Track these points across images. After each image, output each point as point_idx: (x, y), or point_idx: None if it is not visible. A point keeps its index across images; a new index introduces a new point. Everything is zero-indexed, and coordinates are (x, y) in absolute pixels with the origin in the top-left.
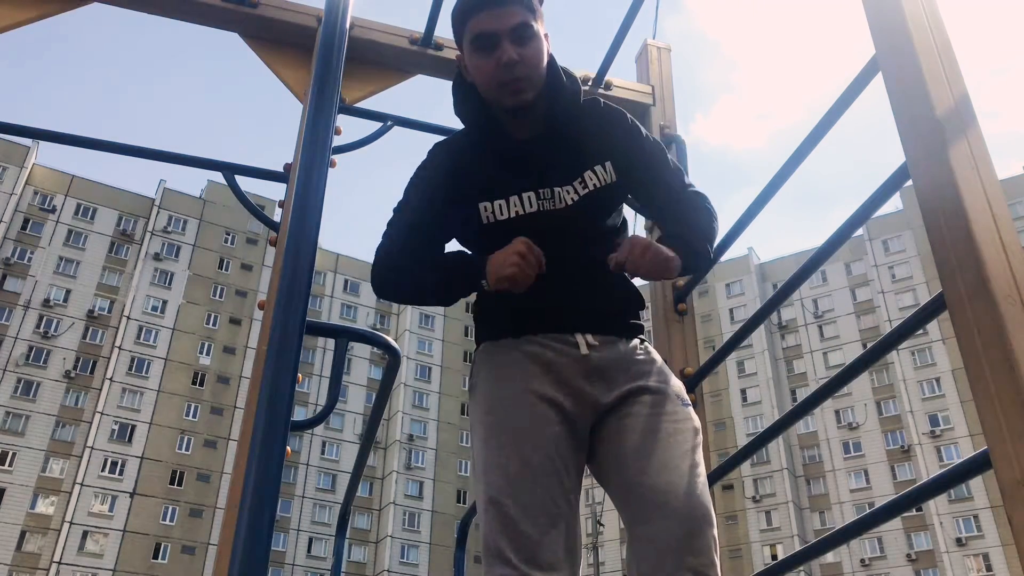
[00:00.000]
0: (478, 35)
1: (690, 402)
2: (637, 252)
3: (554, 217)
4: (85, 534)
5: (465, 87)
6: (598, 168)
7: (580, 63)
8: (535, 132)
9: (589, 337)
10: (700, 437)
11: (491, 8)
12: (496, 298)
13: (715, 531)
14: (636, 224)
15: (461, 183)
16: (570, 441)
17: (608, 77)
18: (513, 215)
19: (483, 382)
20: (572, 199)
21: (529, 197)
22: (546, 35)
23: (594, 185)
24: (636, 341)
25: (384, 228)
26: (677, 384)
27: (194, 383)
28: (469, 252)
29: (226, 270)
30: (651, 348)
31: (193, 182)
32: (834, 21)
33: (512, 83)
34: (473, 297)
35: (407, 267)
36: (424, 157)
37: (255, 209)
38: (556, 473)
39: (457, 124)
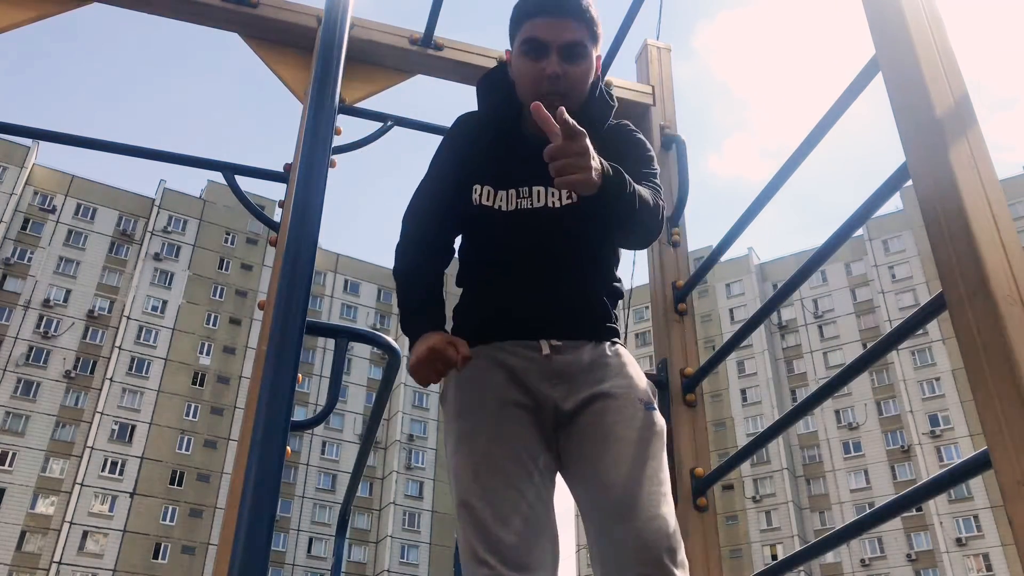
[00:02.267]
0: (530, 39)
1: (655, 405)
2: (568, 144)
3: (532, 216)
4: (85, 534)
5: (502, 76)
6: None
7: None
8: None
9: (553, 340)
10: (662, 441)
11: (550, 17)
12: (466, 304)
13: (673, 539)
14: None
15: (466, 163)
16: (539, 443)
17: (608, 77)
18: (495, 208)
19: (452, 389)
20: (554, 203)
21: (510, 194)
22: (599, 57)
23: (577, 197)
24: (605, 345)
25: (409, 201)
26: (642, 387)
27: (194, 383)
28: (435, 309)
29: (226, 270)
30: (622, 351)
31: (193, 182)
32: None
33: (549, 96)
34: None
35: (411, 264)
36: (450, 127)
37: (255, 209)
38: (528, 475)
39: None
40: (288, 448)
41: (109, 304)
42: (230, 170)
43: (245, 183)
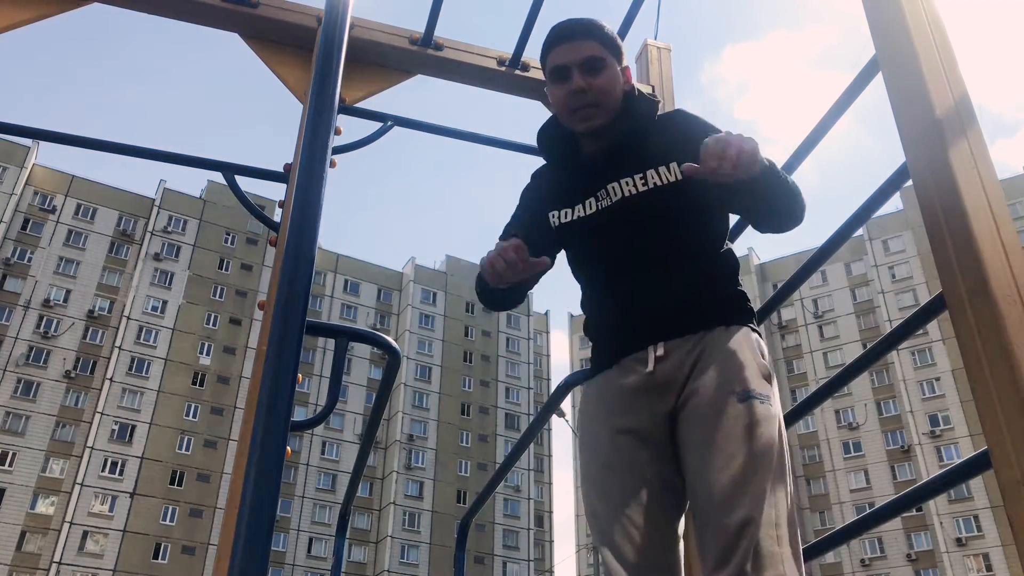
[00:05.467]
0: (554, 68)
1: (756, 393)
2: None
3: (612, 212)
4: (85, 534)
5: (552, 119)
6: (662, 168)
7: None
8: (605, 148)
9: (660, 348)
10: (759, 433)
11: (565, 43)
12: (588, 326)
13: (759, 532)
14: None
15: (540, 197)
16: (656, 464)
17: None
18: (575, 218)
19: (578, 422)
20: (630, 191)
21: (589, 203)
22: (626, 68)
23: (654, 184)
24: (717, 330)
25: None
26: (738, 375)
27: (194, 383)
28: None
29: (226, 270)
30: (734, 333)
31: (193, 182)
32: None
33: (581, 109)
34: (476, 295)
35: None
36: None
37: (255, 209)
38: (641, 503)
39: (452, 123)
40: (288, 448)
41: (109, 304)
42: (230, 170)
43: (245, 183)
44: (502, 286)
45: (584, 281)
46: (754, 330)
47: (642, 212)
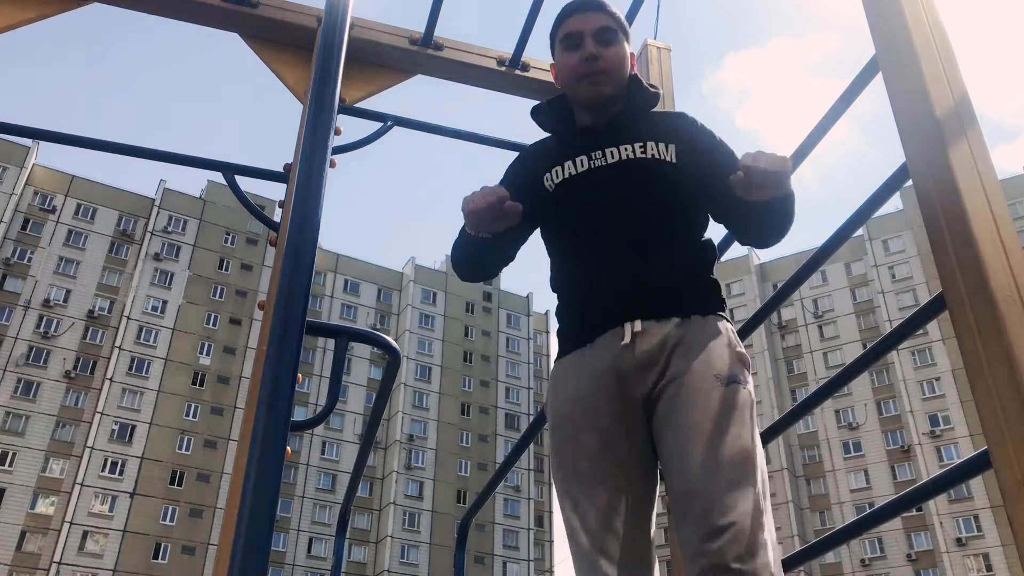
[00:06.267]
0: (567, 35)
1: (739, 378)
2: (758, 159)
3: (605, 172)
4: (85, 534)
5: (555, 97)
6: (661, 145)
7: None
8: (605, 120)
9: (637, 324)
10: (744, 417)
11: (580, 12)
12: (560, 306)
13: (744, 536)
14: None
15: (532, 166)
16: (636, 449)
17: None
18: (567, 176)
19: (548, 406)
20: (626, 155)
21: (581, 160)
22: (632, 54)
23: (652, 155)
24: (694, 318)
25: None
26: (721, 361)
27: (194, 383)
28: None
29: (226, 270)
30: (711, 323)
31: (193, 182)
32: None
33: (591, 75)
34: (479, 295)
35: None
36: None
37: (255, 209)
38: (615, 487)
39: (452, 123)
40: (288, 448)
41: (109, 304)
42: (230, 170)
43: (245, 183)
44: (483, 234)
45: (560, 253)
46: (727, 320)
47: (636, 178)
